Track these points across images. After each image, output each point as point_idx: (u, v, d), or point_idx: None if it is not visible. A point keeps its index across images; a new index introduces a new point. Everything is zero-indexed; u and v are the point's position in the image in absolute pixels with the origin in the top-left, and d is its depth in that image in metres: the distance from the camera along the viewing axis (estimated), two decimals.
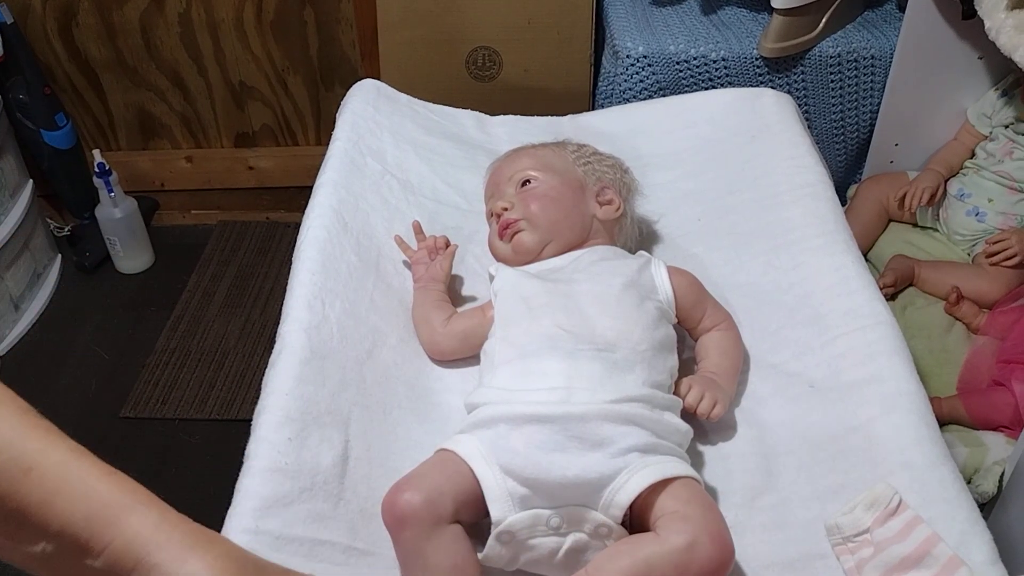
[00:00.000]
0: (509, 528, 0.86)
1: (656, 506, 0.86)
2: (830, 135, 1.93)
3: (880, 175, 1.94)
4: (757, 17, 1.87)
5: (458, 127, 1.56)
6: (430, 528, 0.86)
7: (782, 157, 1.37)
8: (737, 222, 1.31)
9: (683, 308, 1.09)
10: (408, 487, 0.88)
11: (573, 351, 0.97)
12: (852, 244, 1.21)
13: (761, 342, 1.13)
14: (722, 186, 1.38)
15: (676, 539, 0.82)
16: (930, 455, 0.94)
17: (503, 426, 0.91)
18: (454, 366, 1.15)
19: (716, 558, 0.82)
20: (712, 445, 1.04)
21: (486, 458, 0.89)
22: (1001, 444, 1.47)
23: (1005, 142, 1.77)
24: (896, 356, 1.04)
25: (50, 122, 2.09)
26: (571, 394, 0.92)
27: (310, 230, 1.23)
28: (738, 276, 1.23)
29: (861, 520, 0.89)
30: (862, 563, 0.87)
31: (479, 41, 1.85)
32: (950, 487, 0.91)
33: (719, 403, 1.00)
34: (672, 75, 1.78)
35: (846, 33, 1.85)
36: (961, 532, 0.88)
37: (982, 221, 1.79)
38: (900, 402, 0.99)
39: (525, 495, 0.87)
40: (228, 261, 2.26)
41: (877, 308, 1.10)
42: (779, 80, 1.82)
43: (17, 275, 2.08)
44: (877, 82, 1.86)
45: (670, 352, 1.03)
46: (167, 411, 1.87)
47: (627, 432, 0.90)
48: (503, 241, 1.18)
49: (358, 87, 1.54)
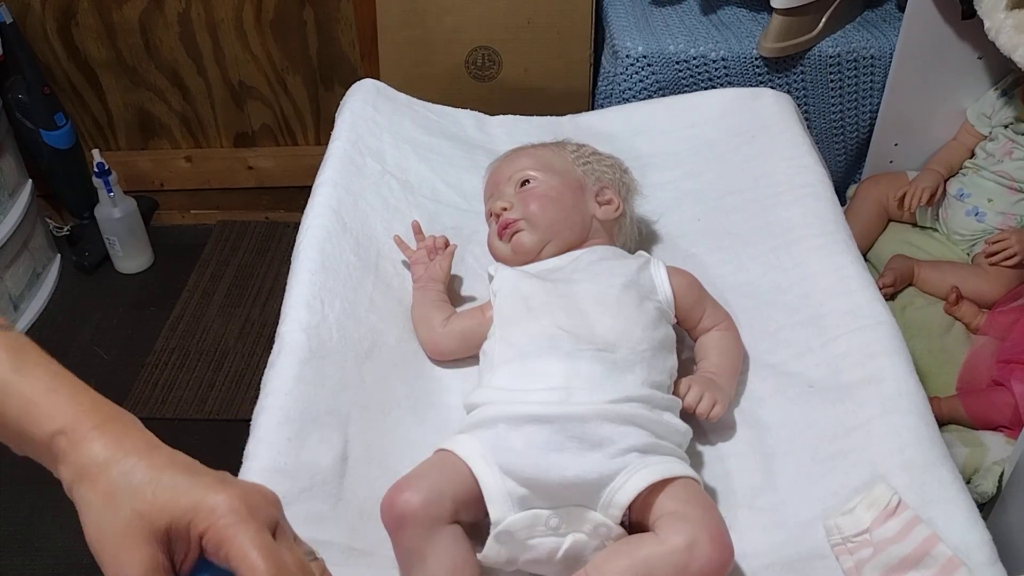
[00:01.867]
0: (508, 528, 0.86)
1: (655, 506, 0.86)
2: (830, 135, 1.93)
3: (880, 175, 1.94)
4: (757, 17, 1.87)
5: (457, 127, 1.56)
6: (429, 528, 0.86)
7: (782, 157, 1.37)
8: (737, 222, 1.31)
9: (682, 308, 1.09)
10: (407, 487, 0.88)
11: (572, 351, 0.97)
12: (852, 244, 1.21)
13: (760, 342, 1.13)
14: (722, 186, 1.38)
15: (675, 539, 0.82)
16: (929, 455, 0.94)
17: (502, 426, 0.91)
18: (453, 366, 1.15)
19: (715, 558, 0.81)
20: (711, 445, 1.04)
21: (485, 458, 0.89)
22: (1001, 444, 1.47)
23: (1005, 142, 1.77)
24: (896, 356, 1.04)
25: (49, 122, 2.09)
26: (570, 394, 0.92)
27: (309, 230, 1.22)
28: (738, 276, 1.23)
29: (860, 520, 0.89)
30: (861, 563, 0.87)
31: (479, 41, 1.85)
32: (949, 487, 0.91)
33: (718, 403, 1.00)
34: (672, 75, 1.77)
35: (846, 33, 1.85)
36: (960, 532, 0.87)
37: (981, 221, 1.79)
38: (900, 402, 0.99)
39: (524, 495, 0.87)
40: (227, 261, 2.26)
41: (877, 308, 1.10)
42: (779, 80, 1.82)
43: (16, 275, 2.08)
44: (877, 82, 1.86)
45: (669, 352, 1.03)
46: (166, 411, 1.87)
47: (626, 432, 0.90)
48: (502, 241, 1.18)
49: (357, 87, 1.54)
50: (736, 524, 0.93)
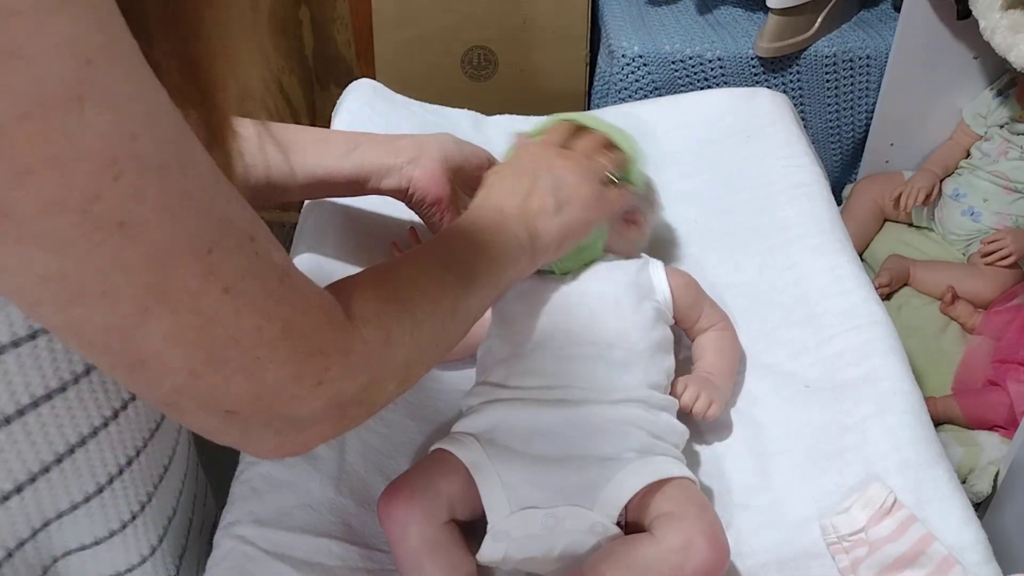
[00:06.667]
0: (504, 528, 0.87)
1: (652, 507, 0.86)
2: (826, 135, 1.94)
3: (876, 175, 1.94)
4: (753, 17, 1.87)
5: (454, 127, 1.56)
6: (425, 528, 0.86)
7: (777, 157, 1.37)
8: (733, 222, 1.31)
9: (680, 309, 1.08)
10: (403, 487, 0.88)
11: (570, 350, 0.97)
12: (847, 244, 1.21)
13: (757, 342, 1.13)
14: (718, 186, 1.38)
15: (671, 540, 0.82)
16: (925, 455, 0.94)
17: (498, 425, 0.91)
18: (451, 366, 1.14)
19: (711, 559, 0.82)
20: (707, 445, 1.04)
21: (481, 458, 0.89)
22: (996, 444, 1.47)
23: (1000, 142, 1.78)
24: (891, 356, 1.04)
25: None
26: (567, 393, 0.92)
27: (306, 230, 1.22)
28: (734, 276, 1.23)
29: (856, 519, 0.89)
30: (857, 562, 0.88)
31: (474, 41, 1.86)
32: (945, 487, 0.91)
33: (715, 403, 1.00)
34: (668, 75, 1.78)
35: (841, 33, 1.85)
36: (956, 532, 0.88)
37: (977, 221, 1.79)
38: (895, 402, 0.99)
39: (521, 495, 0.87)
40: None
41: (872, 308, 1.10)
42: (775, 80, 1.83)
43: None
44: (872, 82, 1.86)
45: (667, 353, 1.03)
46: None
47: (624, 433, 0.90)
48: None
49: (354, 87, 1.54)
50: (732, 523, 0.93)
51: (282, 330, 0.51)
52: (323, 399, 0.54)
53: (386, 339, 0.60)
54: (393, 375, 0.62)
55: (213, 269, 0.47)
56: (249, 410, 0.52)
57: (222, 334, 0.48)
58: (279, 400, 0.52)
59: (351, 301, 0.59)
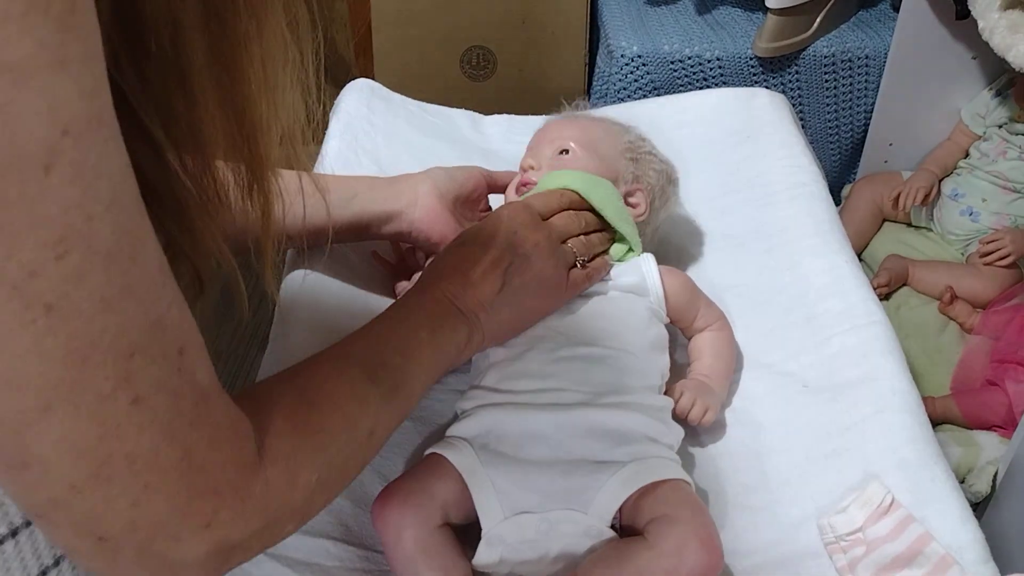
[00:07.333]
0: (499, 532, 0.86)
1: (646, 509, 0.86)
2: (824, 135, 1.94)
3: (874, 175, 1.94)
4: (751, 17, 1.87)
5: (452, 127, 1.56)
6: (419, 532, 0.85)
7: (776, 157, 1.37)
8: (731, 222, 1.31)
9: (675, 308, 1.08)
10: (397, 491, 0.87)
11: (563, 351, 0.96)
12: (846, 244, 1.21)
13: (755, 342, 1.13)
14: (716, 186, 1.38)
15: (665, 543, 0.82)
16: (923, 454, 0.94)
17: (492, 429, 0.91)
18: None
19: (705, 562, 0.81)
20: (703, 447, 1.04)
21: (475, 462, 0.89)
22: (995, 444, 1.47)
23: (999, 142, 1.78)
24: (890, 356, 1.04)
25: None
26: (560, 395, 0.92)
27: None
28: (732, 276, 1.23)
29: (854, 519, 0.89)
30: (854, 562, 0.87)
31: (473, 40, 1.86)
32: (943, 486, 0.91)
33: (710, 409, 1.00)
34: (666, 75, 1.78)
35: (840, 33, 1.85)
36: (953, 531, 0.88)
37: (976, 221, 1.79)
38: (893, 401, 0.99)
39: (515, 499, 0.87)
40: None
41: (871, 308, 1.10)
42: (773, 80, 1.83)
43: None
44: (871, 82, 1.86)
45: (662, 352, 1.03)
46: None
47: (618, 434, 0.90)
48: (517, 196, 1.12)
49: (352, 86, 1.54)
50: (728, 523, 0.93)
51: (181, 458, 0.47)
52: (208, 544, 0.50)
53: (291, 482, 0.57)
54: (291, 517, 0.59)
55: (130, 376, 0.44)
56: (123, 540, 0.47)
57: (117, 450, 0.44)
58: (158, 536, 0.48)
59: (266, 434, 0.56)
